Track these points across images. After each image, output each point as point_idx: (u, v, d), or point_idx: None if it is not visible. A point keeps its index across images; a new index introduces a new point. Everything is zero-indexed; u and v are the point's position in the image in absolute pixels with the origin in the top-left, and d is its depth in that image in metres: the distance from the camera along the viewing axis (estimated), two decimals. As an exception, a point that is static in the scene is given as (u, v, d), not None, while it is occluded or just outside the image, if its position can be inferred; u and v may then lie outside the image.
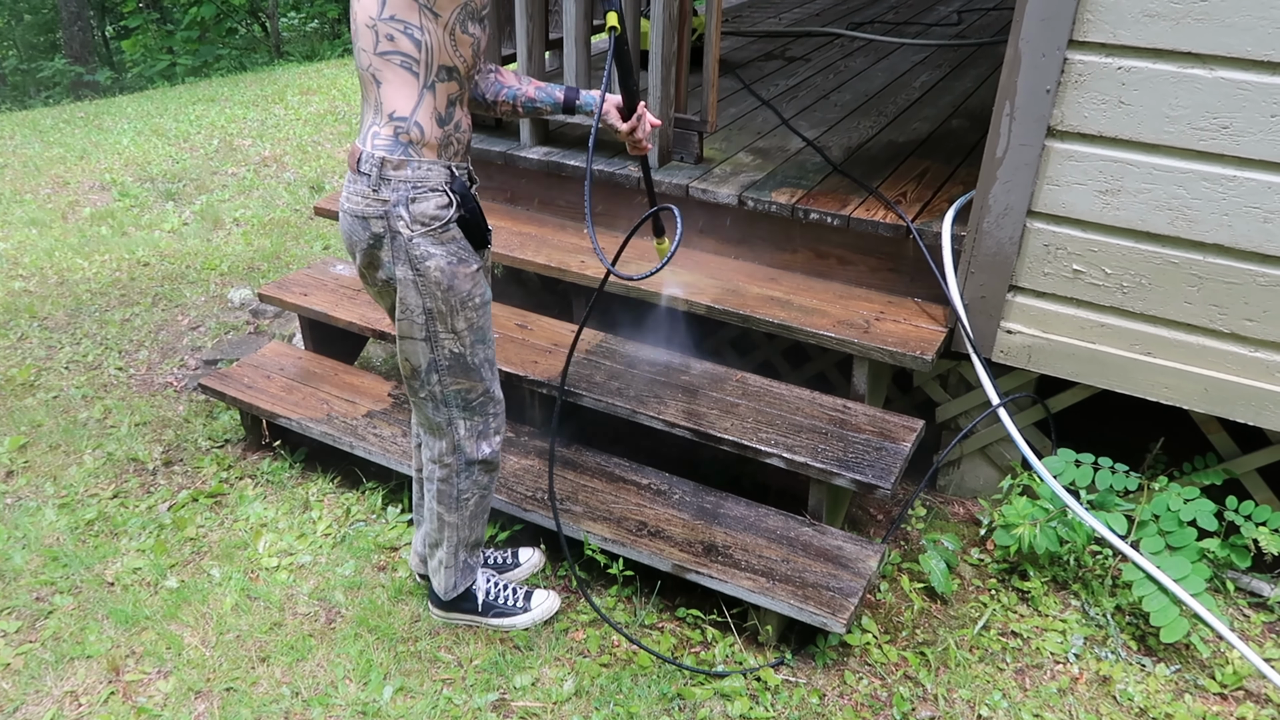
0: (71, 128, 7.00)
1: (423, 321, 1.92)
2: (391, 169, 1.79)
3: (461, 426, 2.08)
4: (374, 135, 1.80)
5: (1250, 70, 2.06)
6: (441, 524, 2.20)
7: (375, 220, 1.83)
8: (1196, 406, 2.41)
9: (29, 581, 2.51)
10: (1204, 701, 2.23)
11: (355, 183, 1.84)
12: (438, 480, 2.15)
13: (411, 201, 1.81)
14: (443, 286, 1.88)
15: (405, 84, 1.76)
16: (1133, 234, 2.31)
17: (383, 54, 1.73)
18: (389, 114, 1.78)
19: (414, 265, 1.85)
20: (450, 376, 2.01)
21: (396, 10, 1.70)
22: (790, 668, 2.28)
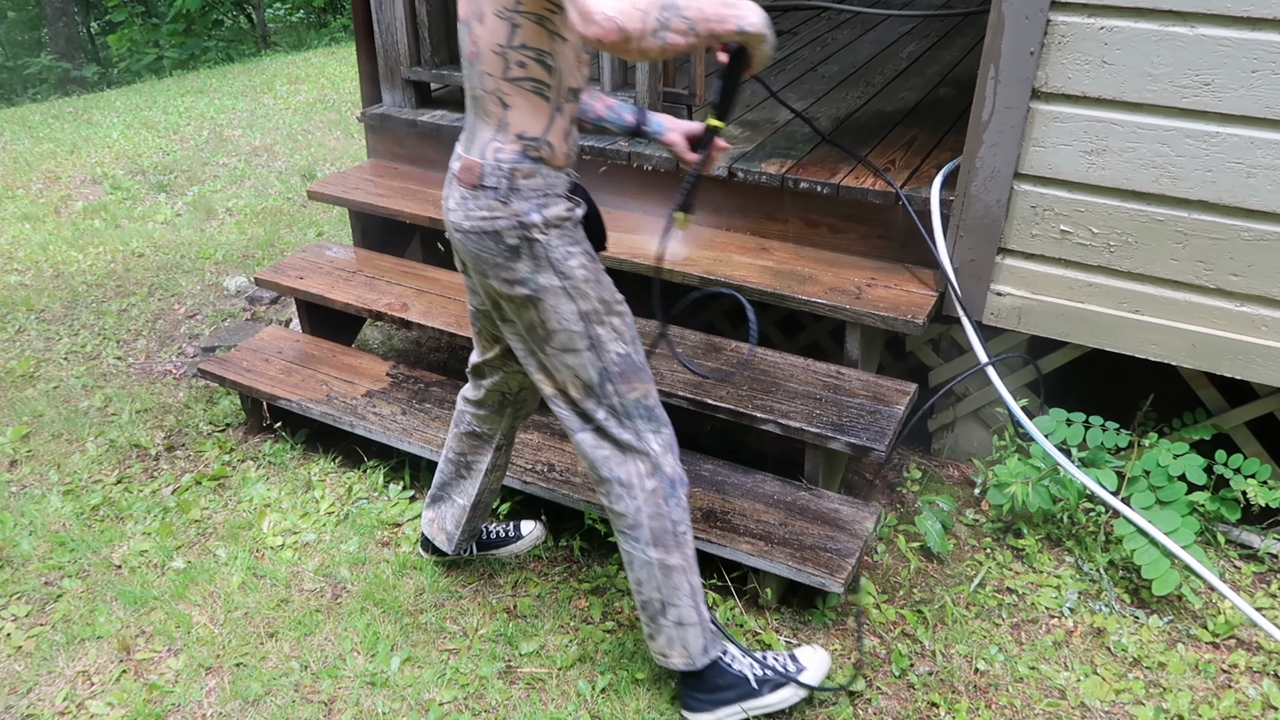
0: (61, 123, 6.98)
1: (582, 328, 1.79)
2: (522, 178, 1.71)
3: (653, 440, 1.87)
4: (496, 150, 1.71)
5: (1230, 26, 2.08)
6: (667, 573, 1.91)
7: (509, 232, 1.73)
8: (1185, 362, 2.44)
9: (37, 566, 2.54)
10: (1196, 650, 2.27)
11: (477, 198, 1.73)
12: (647, 520, 1.88)
13: (543, 207, 1.73)
14: (592, 282, 1.79)
15: (536, 108, 1.69)
16: (1118, 193, 2.34)
17: (513, 80, 1.66)
18: (518, 134, 1.70)
19: (558, 268, 1.75)
20: (625, 383, 1.84)
21: (528, 39, 1.62)
22: (792, 629, 2.32)
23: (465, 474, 2.29)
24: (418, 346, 3.60)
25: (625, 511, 1.89)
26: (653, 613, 1.96)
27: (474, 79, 1.72)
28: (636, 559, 1.92)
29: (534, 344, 1.85)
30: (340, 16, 14.62)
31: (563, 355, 1.82)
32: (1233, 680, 2.20)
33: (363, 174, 3.46)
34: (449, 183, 1.81)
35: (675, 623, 1.95)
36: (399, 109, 3.43)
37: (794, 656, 2.09)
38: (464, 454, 2.28)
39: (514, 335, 1.89)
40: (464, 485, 2.31)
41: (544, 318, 1.80)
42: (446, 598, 2.42)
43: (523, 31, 1.62)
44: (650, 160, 2.98)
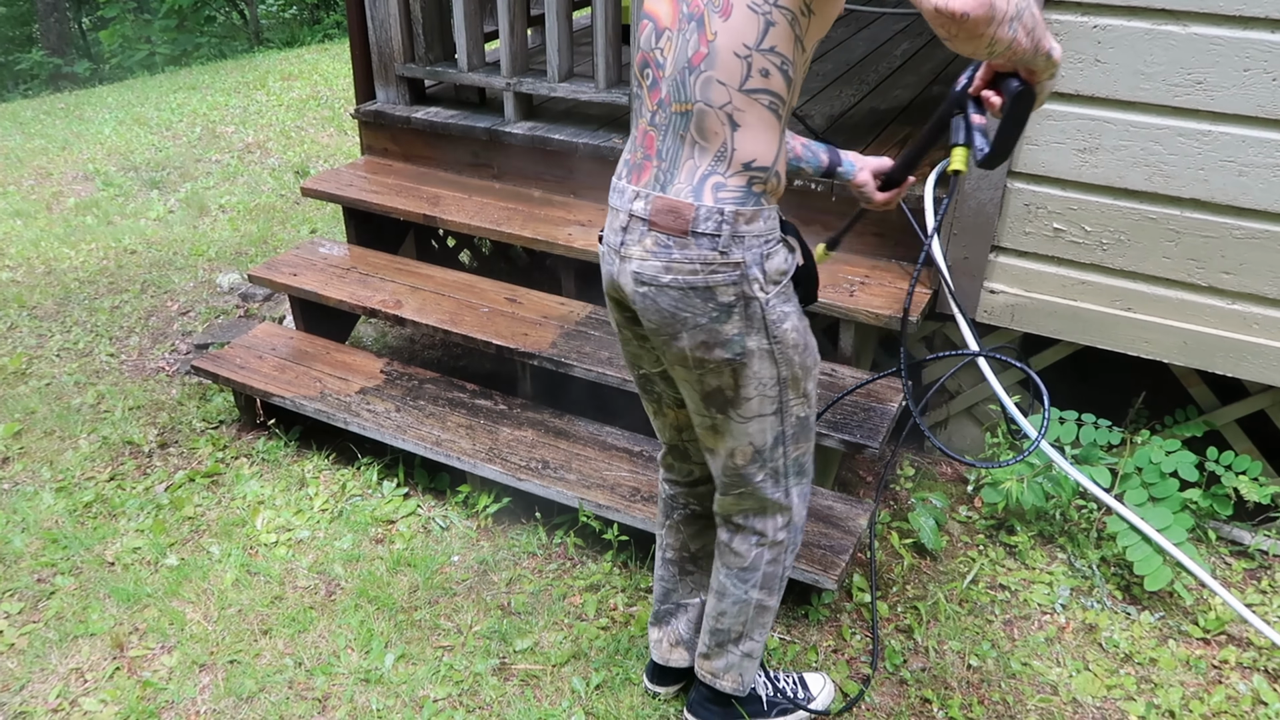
0: (52, 119, 6.96)
1: (776, 394, 1.61)
2: (745, 222, 1.46)
3: (795, 494, 1.76)
4: (715, 186, 1.45)
5: (1223, 25, 2.09)
6: (761, 612, 1.85)
7: (724, 289, 1.48)
8: (1177, 360, 2.45)
9: (30, 564, 2.53)
10: (1187, 646, 2.28)
11: (686, 247, 1.47)
12: (765, 565, 1.80)
13: (766, 258, 1.49)
14: (799, 349, 1.59)
15: (768, 128, 1.44)
16: (1111, 191, 2.35)
17: (751, 91, 1.41)
18: (745, 162, 1.45)
19: (771, 331, 1.54)
20: (794, 445, 1.70)
21: (778, 41, 1.38)
22: (785, 625, 2.33)
23: (694, 568, 2.01)
24: (411, 343, 3.60)
25: (745, 555, 1.80)
26: (723, 640, 1.89)
27: (690, 90, 1.44)
28: (733, 594, 1.83)
29: (713, 408, 1.64)
30: (334, 13, 14.58)
31: (744, 422, 1.63)
32: (1223, 676, 2.21)
33: (356, 171, 3.46)
34: (624, 226, 1.54)
35: (744, 654, 1.90)
36: (393, 105, 3.42)
37: (804, 682, 2.08)
38: (686, 545, 1.99)
39: (690, 395, 1.66)
40: (696, 580, 2.03)
41: (740, 383, 1.58)
42: (440, 595, 2.42)
43: (775, 31, 1.38)
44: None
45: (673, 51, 1.47)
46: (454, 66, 3.31)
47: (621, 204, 1.56)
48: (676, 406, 1.82)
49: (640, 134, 1.56)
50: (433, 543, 2.60)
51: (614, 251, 1.58)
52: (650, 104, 1.52)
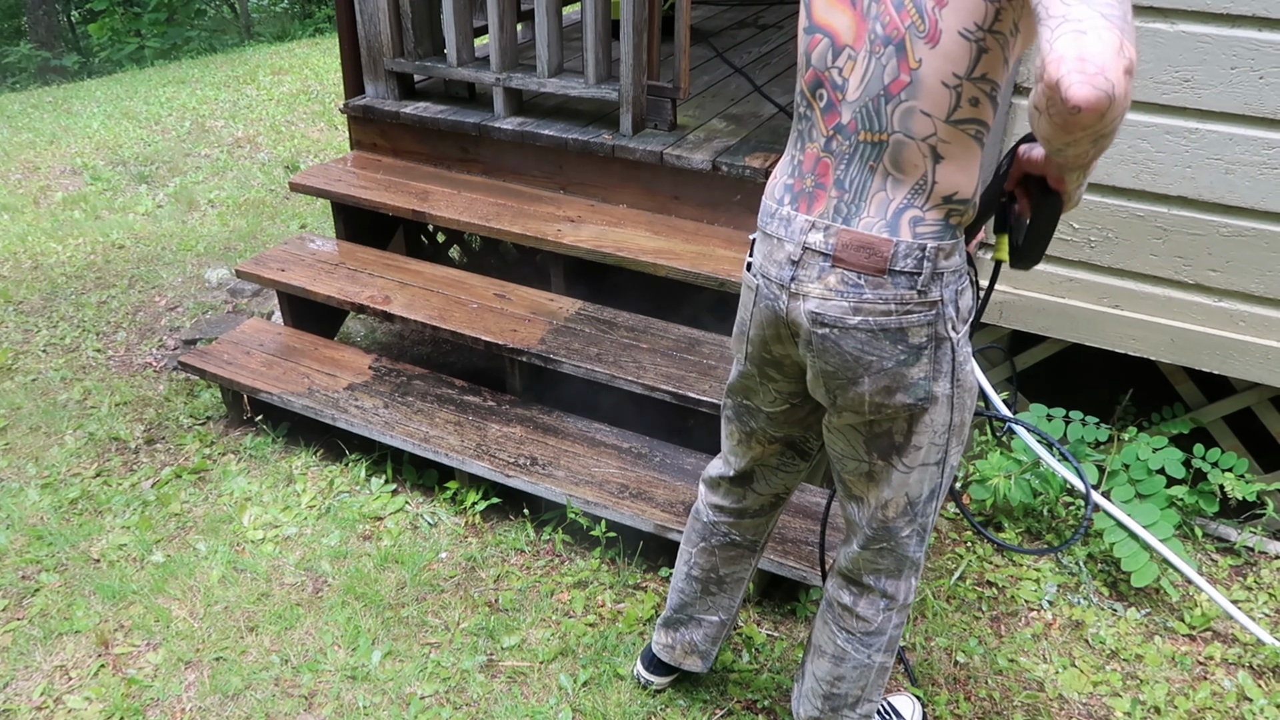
0: (40, 112, 6.91)
1: (944, 442, 1.50)
2: (944, 258, 1.35)
3: (920, 552, 1.65)
4: (913, 220, 1.33)
5: (1210, 23, 2.09)
6: (881, 674, 1.75)
7: (917, 330, 1.37)
8: (1164, 357, 2.46)
9: (14, 560, 2.52)
10: (1173, 643, 2.29)
11: (881, 287, 1.35)
12: (892, 629, 1.70)
13: (959, 295, 1.39)
14: (974, 393, 1.48)
15: (972, 158, 1.32)
16: (1099, 189, 2.35)
17: (958, 122, 1.28)
18: (946, 195, 1.33)
19: (955, 375, 1.43)
20: (942, 497, 1.59)
21: (989, 68, 1.25)
22: (773, 622, 2.33)
23: (717, 590, 1.96)
24: (400, 339, 3.59)
25: (872, 620, 1.69)
26: (839, 705, 1.78)
27: (887, 119, 1.32)
28: (854, 659, 1.72)
29: (875, 453, 1.51)
30: (324, 7, 14.52)
31: (908, 472, 1.52)
32: (1208, 672, 2.22)
33: (346, 166, 3.44)
34: (795, 260, 1.42)
35: (863, 716, 1.80)
36: (382, 100, 3.41)
37: (895, 710, 2.03)
38: (716, 569, 1.93)
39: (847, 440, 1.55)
40: (717, 600, 1.97)
41: (914, 429, 1.47)
42: (428, 591, 2.42)
43: (989, 58, 1.25)
44: (634, 153, 2.97)
45: (859, 74, 1.34)
46: (443, 61, 3.29)
47: (790, 234, 1.42)
48: (768, 443, 1.72)
49: (810, 159, 1.43)
50: (420, 539, 2.59)
51: (781, 287, 1.44)
52: (825, 128, 1.40)
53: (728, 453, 1.82)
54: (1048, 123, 1.06)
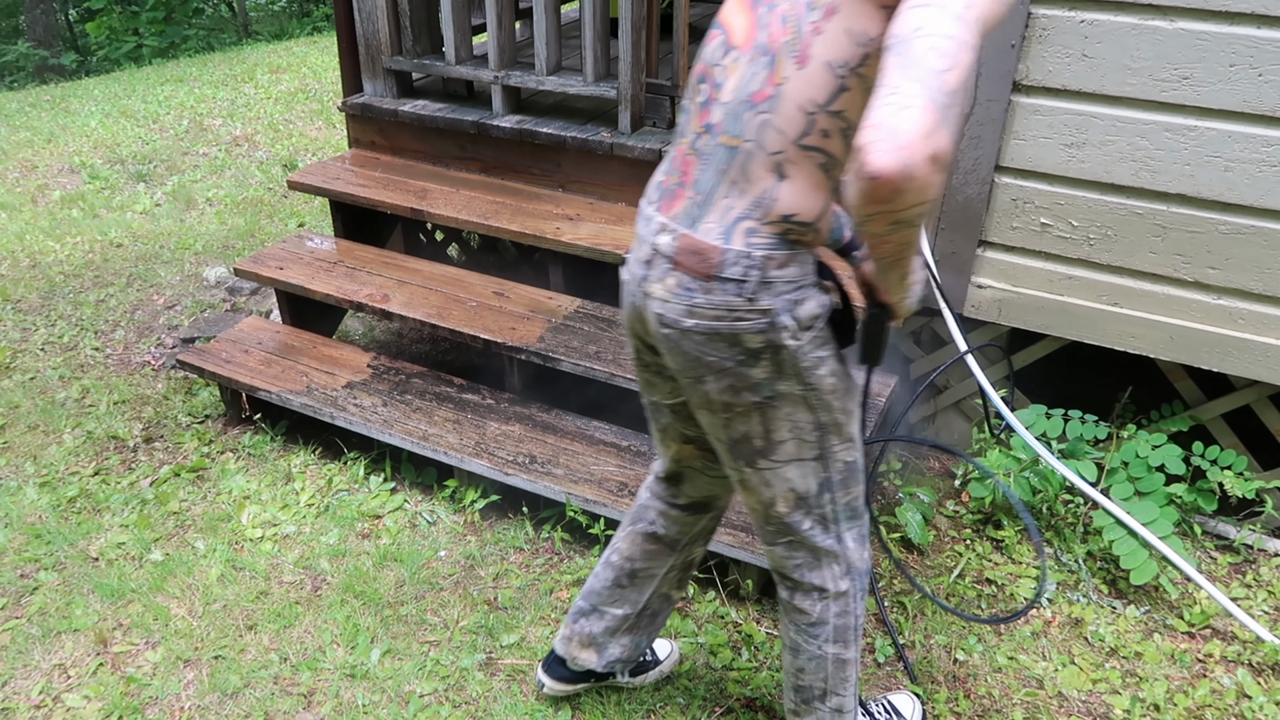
0: (38, 111, 6.90)
1: (816, 438, 1.50)
2: (775, 268, 1.35)
3: (850, 538, 1.64)
4: (746, 231, 1.35)
5: (1209, 20, 2.09)
6: (840, 666, 1.74)
7: (751, 336, 1.39)
8: (1163, 355, 2.46)
9: (13, 559, 2.52)
10: (1173, 640, 2.29)
11: (711, 292, 1.37)
12: (834, 618, 1.69)
13: (796, 304, 1.38)
14: (839, 393, 1.47)
15: (816, 186, 1.33)
16: (1098, 186, 2.35)
17: (806, 148, 1.30)
18: (784, 214, 1.34)
19: (804, 379, 1.43)
20: (844, 490, 1.58)
21: (849, 106, 1.27)
22: (773, 619, 2.33)
23: (628, 583, 1.93)
24: (399, 338, 3.58)
25: (810, 611, 1.69)
26: (809, 697, 1.78)
27: (745, 126, 1.34)
28: (807, 651, 1.73)
29: (741, 460, 1.55)
30: (322, 5, 14.51)
31: (782, 468, 1.53)
32: (1208, 670, 2.22)
33: (344, 164, 3.44)
34: (648, 260, 1.45)
35: (834, 710, 1.79)
36: (380, 99, 3.41)
37: (894, 708, 2.00)
38: (633, 559, 1.90)
39: (715, 441, 1.57)
40: (625, 594, 1.94)
41: (771, 428, 1.48)
42: (427, 590, 2.41)
43: (848, 96, 1.26)
44: (632, 150, 2.96)
45: (737, 77, 1.34)
46: (441, 59, 3.29)
47: (647, 234, 1.46)
48: (681, 441, 1.73)
49: (679, 155, 1.45)
50: (419, 538, 2.59)
51: (637, 285, 1.48)
52: (697, 124, 1.40)
53: (658, 452, 1.84)
54: (853, 188, 1.08)
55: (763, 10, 1.33)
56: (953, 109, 1.05)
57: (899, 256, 1.26)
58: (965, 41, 1.07)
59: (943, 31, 1.06)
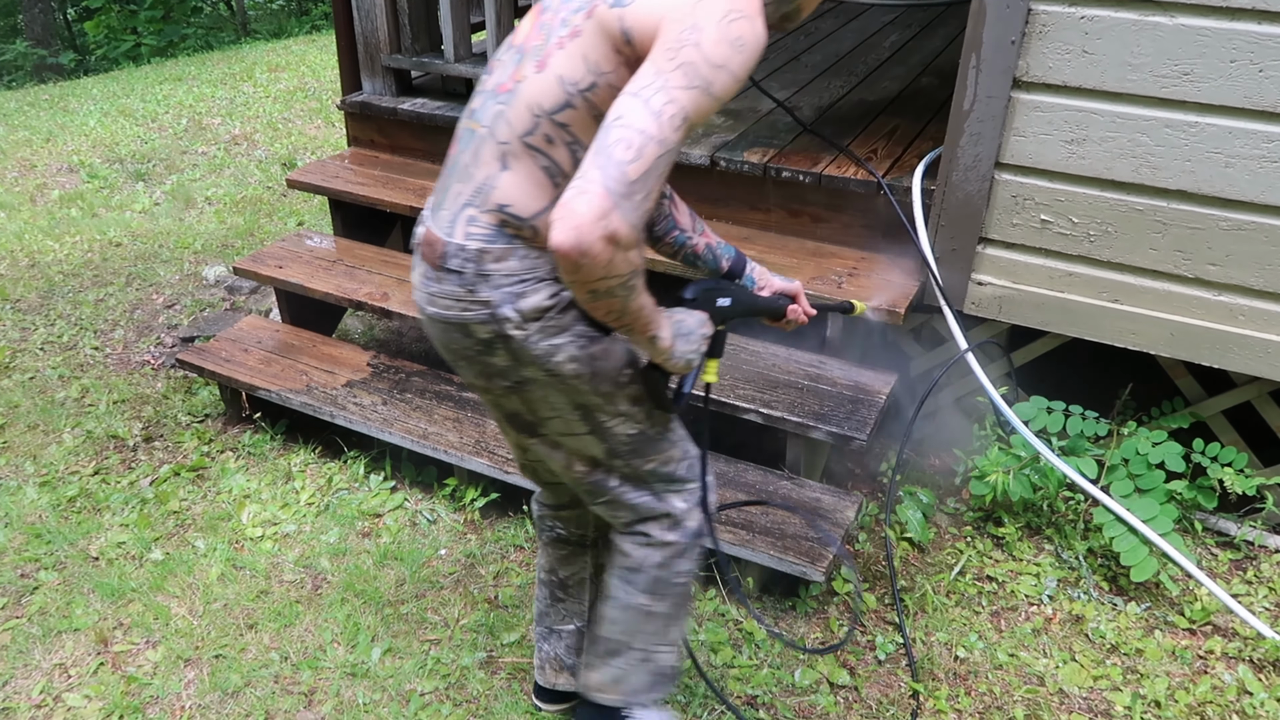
0: (36, 110, 6.89)
1: (579, 416, 1.53)
2: (492, 261, 1.40)
3: (677, 500, 1.67)
4: (469, 220, 1.41)
5: (1209, 16, 2.09)
6: (646, 618, 1.73)
7: (478, 326, 1.44)
8: (1163, 351, 2.45)
9: (13, 559, 2.51)
10: (1173, 637, 2.29)
11: (441, 282, 1.44)
12: (653, 567, 1.69)
13: (518, 297, 1.41)
14: (585, 378, 1.47)
15: (538, 186, 1.38)
16: (1098, 183, 2.34)
17: (530, 146, 1.36)
18: (500, 204, 1.39)
19: (541, 365, 1.45)
20: (639, 458, 1.60)
21: (575, 123, 1.33)
22: (773, 617, 2.33)
23: (564, 594, 1.94)
24: (399, 336, 3.58)
25: (631, 553, 1.70)
26: (609, 650, 1.77)
27: (486, 114, 1.41)
28: (619, 599, 1.73)
29: (523, 432, 1.61)
30: (321, 4, 14.50)
31: (560, 439, 1.58)
32: (1209, 666, 2.22)
33: (343, 162, 3.44)
34: (415, 251, 1.53)
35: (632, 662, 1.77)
36: (379, 97, 3.40)
37: None
38: (555, 569, 1.92)
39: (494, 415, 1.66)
40: (568, 607, 1.95)
41: (533, 408, 1.54)
42: (427, 588, 2.41)
43: (573, 113, 1.34)
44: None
45: (499, 71, 1.44)
46: (440, 57, 3.28)
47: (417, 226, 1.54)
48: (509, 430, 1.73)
49: (454, 139, 1.51)
50: (420, 536, 2.59)
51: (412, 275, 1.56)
52: (468, 109, 1.47)
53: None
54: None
55: (545, 16, 1.40)
56: (633, 197, 1.16)
57: (622, 325, 1.35)
58: (654, 136, 1.17)
59: (636, 125, 1.17)
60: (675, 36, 1.21)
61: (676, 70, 1.19)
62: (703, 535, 1.72)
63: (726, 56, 1.21)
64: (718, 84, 1.21)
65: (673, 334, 1.45)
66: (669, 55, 1.20)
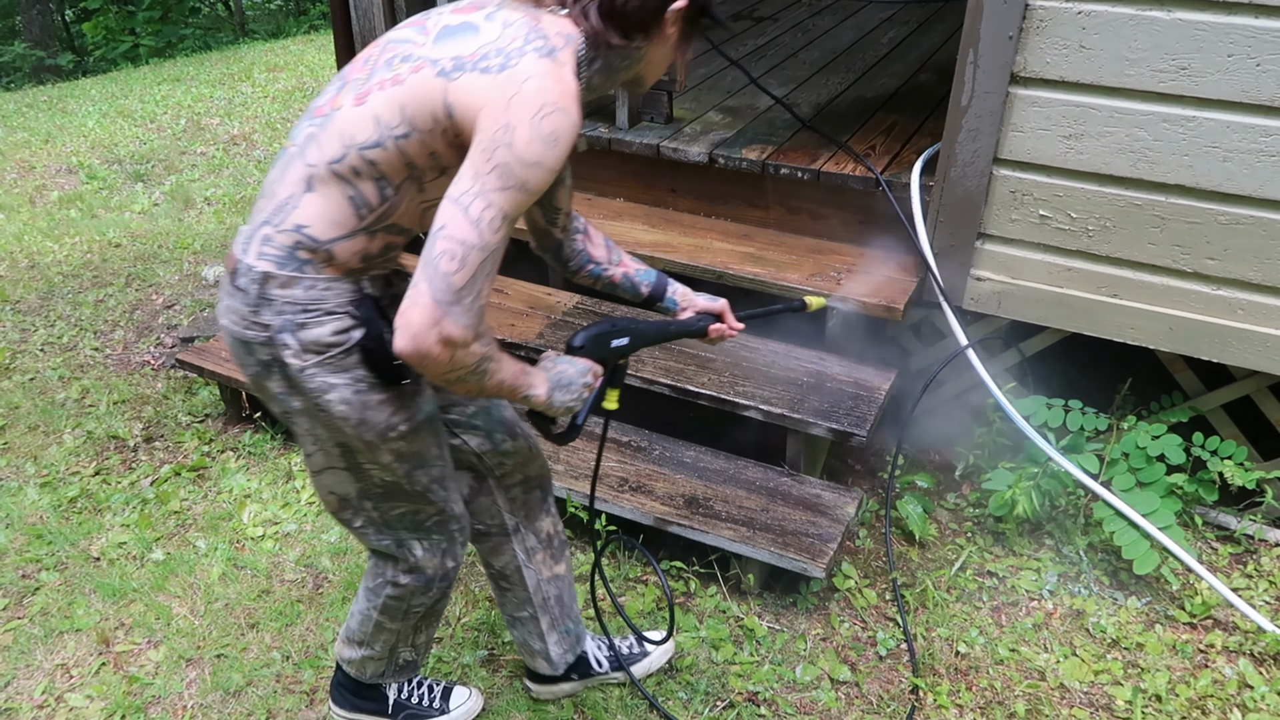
0: (35, 112, 6.89)
1: (339, 453, 1.56)
2: (277, 287, 1.40)
3: (418, 547, 1.72)
4: (263, 239, 1.41)
5: (1207, 10, 2.09)
6: (378, 629, 1.84)
7: (258, 347, 1.44)
8: (1162, 346, 2.46)
9: (14, 560, 2.52)
10: (1174, 631, 2.29)
11: (231, 296, 1.44)
12: (387, 598, 1.78)
13: (300, 327, 1.42)
14: (351, 422, 1.48)
15: (341, 213, 1.39)
16: (1096, 178, 2.34)
17: (337, 174, 1.37)
18: (298, 224, 1.39)
19: (310, 398, 1.47)
20: (388, 503, 1.64)
21: (385, 162, 1.36)
22: (774, 614, 2.33)
23: (506, 585, 1.97)
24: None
25: (374, 577, 1.79)
26: (351, 637, 1.90)
27: (301, 133, 1.42)
28: (362, 604, 1.84)
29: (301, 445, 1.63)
30: (319, 3, 14.49)
31: (318, 470, 1.61)
32: (1209, 660, 2.22)
33: (341, 162, 3.43)
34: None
35: (364, 656, 1.90)
36: (377, 96, 3.40)
37: (447, 692, 2.04)
38: (489, 562, 1.96)
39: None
40: (516, 595, 1.98)
41: (299, 433, 1.58)
42: (429, 587, 2.41)
43: (383, 153, 1.35)
44: (630, 146, 2.96)
45: (325, 92, 1.45)
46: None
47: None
48: None
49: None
50: (421, 535, 2.59)
51: None
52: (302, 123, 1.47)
53: None
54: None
55: (375, 52, 1.43)
56: (461, 301, 1.25)
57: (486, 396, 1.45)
58: (475, 245, 1.24)
59: (458, 236, 1.24)
60: (490, 136, 1.25)
61: (492, 173, 1.24)
62: (438, 581, 1.77)
63: (540, 154, 1.25)
64: (533, 181, 1.26)
65: (550, 388, 1.51)
66: (485, 156, 1.25)
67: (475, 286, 1.26)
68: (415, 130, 1.33)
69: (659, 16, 1.40)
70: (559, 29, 1.36)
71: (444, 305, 1.24)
